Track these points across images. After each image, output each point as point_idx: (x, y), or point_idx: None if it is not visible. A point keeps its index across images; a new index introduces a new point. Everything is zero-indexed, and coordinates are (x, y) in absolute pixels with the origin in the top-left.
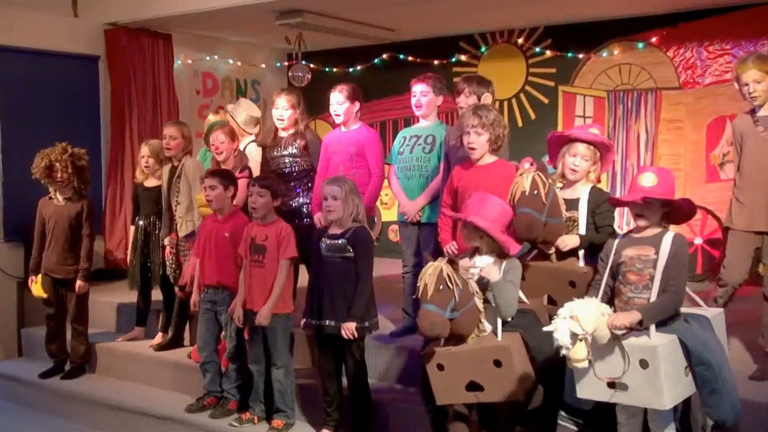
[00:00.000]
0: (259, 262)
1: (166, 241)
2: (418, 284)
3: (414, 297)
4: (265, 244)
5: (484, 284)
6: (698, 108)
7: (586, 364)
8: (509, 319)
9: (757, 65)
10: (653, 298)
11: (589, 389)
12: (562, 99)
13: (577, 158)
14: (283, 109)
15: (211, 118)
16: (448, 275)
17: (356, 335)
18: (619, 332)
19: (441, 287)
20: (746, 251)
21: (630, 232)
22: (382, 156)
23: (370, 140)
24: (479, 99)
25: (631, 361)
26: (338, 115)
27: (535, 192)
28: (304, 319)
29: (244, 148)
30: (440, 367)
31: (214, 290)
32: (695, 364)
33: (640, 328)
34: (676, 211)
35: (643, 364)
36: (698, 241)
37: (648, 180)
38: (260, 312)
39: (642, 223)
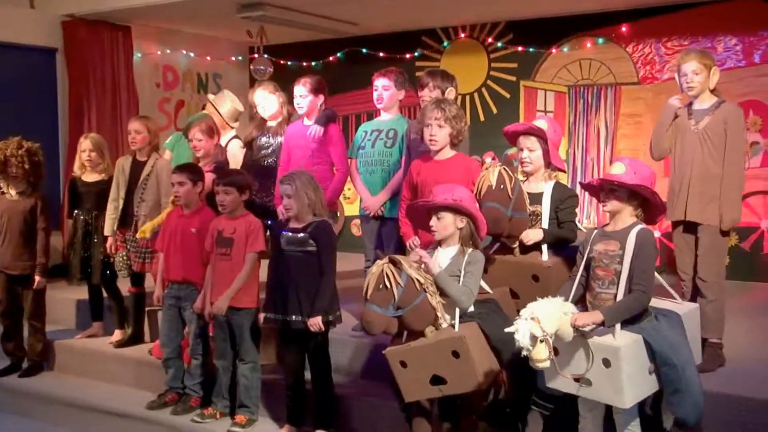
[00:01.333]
0: (225, 255)
1: (110, 234)
2: (364, 284)
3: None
4: (233, 237)
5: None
6: (657, 103)
7: (548, 364)
8: (470, 310)
9: (698, 57)
10: (620, 295)
11: (557, 381)
12: (524, 94)
13: (525, 151)
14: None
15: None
16: (388, 275)
17: (323, 329)
18: (586, 329)
19: (381, 287)
20: (687, 242)
21: (604, 225)
22: (345, 151)
23: (335, 134)
24: (443, 93)
25: (594, 360)
26: (301, 107)
27: (502, 186)
28: (263, 314)
29: (226, 144)
30: (403, 364)
31: (179, 286)
32: (660, 365)
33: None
34: (649, 206)
35: (606, 363)
36: (656, 234)
37: (616, 168)
38: (217, 302)
39: (607, 208)
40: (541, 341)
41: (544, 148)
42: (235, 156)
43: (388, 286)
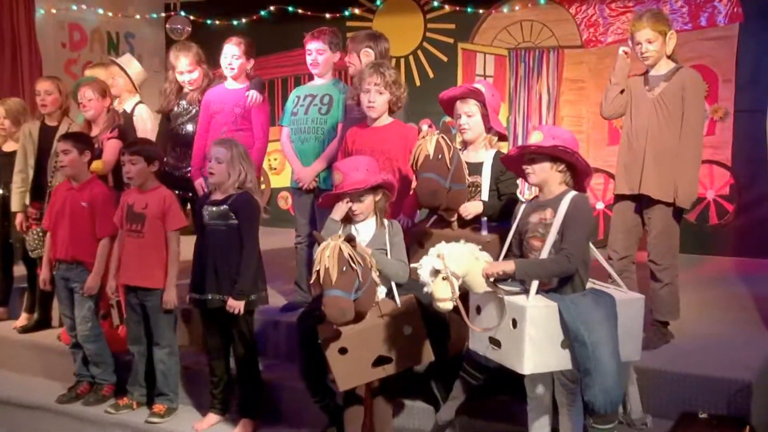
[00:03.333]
0: (136, 232)
1: (19, 210)
2: (315, 268)
3: (311, 282)
4: (145, 213)
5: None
6: (600, 68)
7: (449, 305)
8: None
9: (650, 24)
10: None
11: (475, 341)
12: (462, 57)
13: (463, 117)
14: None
15: (88, 74)
16: (350, 255)
17: (242, 311)
18: (502, 286)
19: (344, 269)
20: (632, 217)
21: (535, 198)
22: (267, 120)
23: (258, 104)
24: (358, 55)
25: (504, 318)
26: (233, 69)
27: (440, 156)
28: (189, 294)
29: (132, 110)
30: (343, 351)
31: (68, 265)
32: (571, 340)
33: (516, 280)
34: (575, 172)
35: (514, 323)
36: (600, 206)
37: (534, 137)
38: (165, 296)
39: (531, 180)
40: (444, 278)
41: (483, 113)
42: (145, 122)
43: (353, 266)
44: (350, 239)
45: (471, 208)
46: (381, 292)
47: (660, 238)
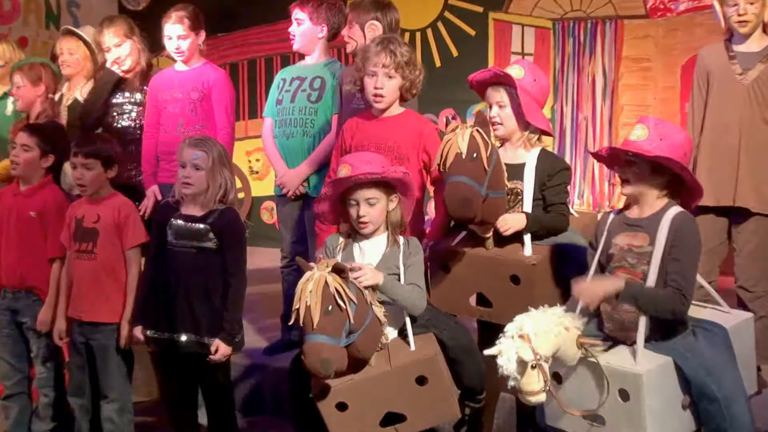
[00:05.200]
0: (87, 252)
1: None
2: (295, 305)
3: (290, 323)
4: (97, 228)
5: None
6: (670, 43)
7: (542, 397)
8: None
9: None
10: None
11: (561, 418)
12: (494, 30)
13: (494, 108)
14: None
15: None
16: (338, 290)
17: (227, 356)
18: (597, 348)
19: (330, 308)
20: (716, 234)
21: (623, 210)
22: (232, 105)
23: (219, 83)
24: (362, 28)
25: (609, 390)
26: (181, 52)
27: (475, 155)
28: (140, 327)
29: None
30: (342, 407)
31: (15, 294)
32: (696, 398)
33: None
34: (681, 186)
35: (624, 395)
36: None
37: (636, 132)
38: (121, 330)
39: (624, 190)
40: (533, 367)
41: (518, 103)
42: None
43: (341, 305)
44: (339, 270)
45: (511, 222)
46: (392, 329)
47: (753, 259)
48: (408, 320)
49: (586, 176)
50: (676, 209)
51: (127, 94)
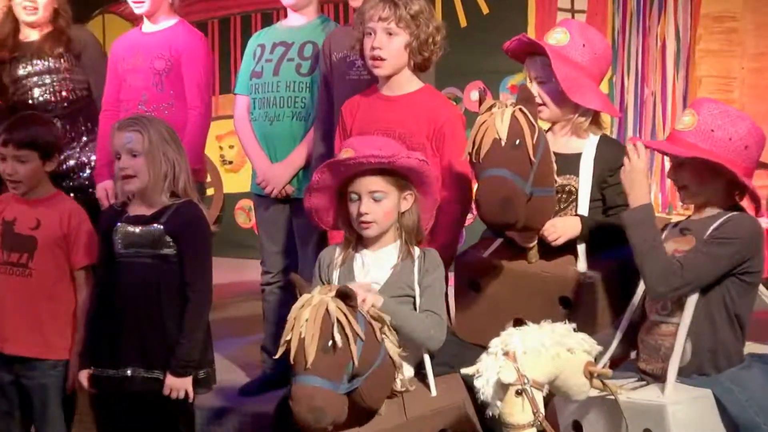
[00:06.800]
0: (20, 266)
1: None
2: (285, 335)
3: (275, 357)
4: (35, 236)
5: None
6: None
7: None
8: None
9: None
10: (684, 323)
11: None
12: None
13: (533, 84)
14: None
15: None
16: (341, 321)
17: (189, 394)
18: (619, 383)
19: (330, 344)
20: None
21: (690, 216)
22: (207, 78)
23: (192, 48)
24: None
25: (630, 429)
26: (140, 2)
27: (518, 142)
28: (86, 371)
29: None
30: None
31: None
32: None
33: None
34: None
35: None
36: (766, 223)
37: (683, 120)
38: (71, 368)
39: (686, 199)
40: (518, 393)
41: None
42: None
43: (344, 341)
44: (345, 295)
45: (562, 228)
46: (407, 367)
47: None
48: (426, 357)
49: (653, 169)
50: (736, 212)
51: (31, 64)
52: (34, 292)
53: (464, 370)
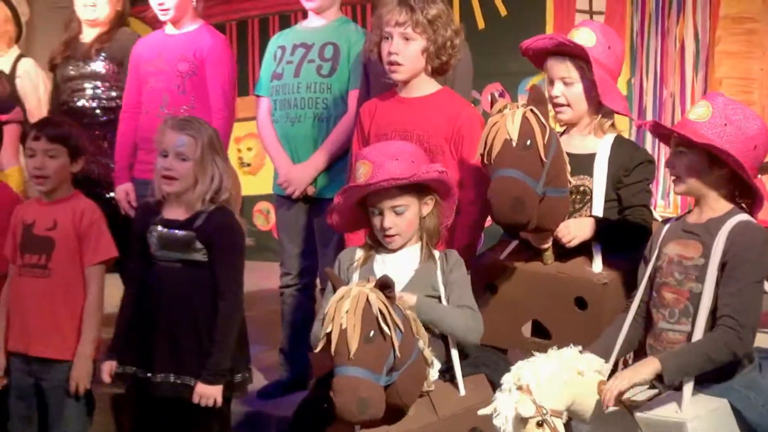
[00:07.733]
0: (39, 268)
1: None
2: (325, 328)
3: (315, 351)
4: (53, 237)
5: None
6: None
7: None
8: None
9: None
10: (696, 336)
11: None
12: None
13: (557, 85)
14: None
15: None
16: (382, 312)
17: (219, 402)
18: (637, 397)
19: (372, 334)
20: None
21: (686, 214)
22: (231, 82)
23: (216, 52)
24: None
25: None
26: (166, 10)
27: (529, 142)
28: (110, 363)
29: (15, 67)
30: None
31: None
32: None
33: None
34: (744, 184)
35: None
36: None
37: (696, 111)
38: (74, 371)
39: (677, 188)
40: (539, 425)
41: (589, 79)
42: (36, 87)
43: (386, 332)
44: (385, 285)
45: (576, 229)
46: (436, 365)
47: None
48: (455, 356)
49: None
50: (742, 216)
51: (81, 66)
52: (53, 293)
53: (480, 412)
